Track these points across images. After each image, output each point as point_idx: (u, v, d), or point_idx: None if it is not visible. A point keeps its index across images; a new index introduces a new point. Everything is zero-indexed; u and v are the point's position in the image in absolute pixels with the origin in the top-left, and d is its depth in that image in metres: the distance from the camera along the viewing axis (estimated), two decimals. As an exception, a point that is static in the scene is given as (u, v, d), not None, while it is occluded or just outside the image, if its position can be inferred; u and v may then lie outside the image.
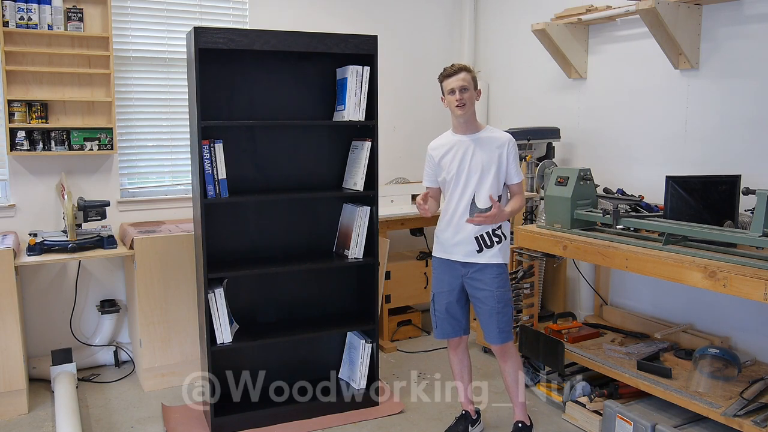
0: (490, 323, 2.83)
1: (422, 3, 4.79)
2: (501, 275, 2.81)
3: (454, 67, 2.75)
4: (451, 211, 2.84)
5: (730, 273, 2.47)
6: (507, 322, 2.84)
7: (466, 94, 2.72)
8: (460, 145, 2.82)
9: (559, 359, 3.23)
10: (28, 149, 3.52)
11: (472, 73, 2.78)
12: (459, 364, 3.03)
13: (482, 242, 2.79)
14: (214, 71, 3.09)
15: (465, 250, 2.81)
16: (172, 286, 3.54)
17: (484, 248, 2.79)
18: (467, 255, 2.82)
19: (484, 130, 2.83)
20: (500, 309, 2.80)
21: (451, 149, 2.84)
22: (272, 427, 3.12)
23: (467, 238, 2.80)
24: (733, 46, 3.16)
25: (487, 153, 2.77)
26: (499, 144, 2.78)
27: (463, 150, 2.81)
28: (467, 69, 2.76)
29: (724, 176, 2.96)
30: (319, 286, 3.48)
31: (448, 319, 2.94)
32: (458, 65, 2.76)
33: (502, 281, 2.81)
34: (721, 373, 2.84)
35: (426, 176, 2.97)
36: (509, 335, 2.85)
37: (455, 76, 2.73)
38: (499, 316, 2.81)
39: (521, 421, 2.93)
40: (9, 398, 3.22)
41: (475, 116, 2.83)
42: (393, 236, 4.58)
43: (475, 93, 2.77)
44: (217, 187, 2.95)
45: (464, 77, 2.72)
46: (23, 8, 3.43)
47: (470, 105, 2.75)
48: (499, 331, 2.82)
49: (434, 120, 4.92)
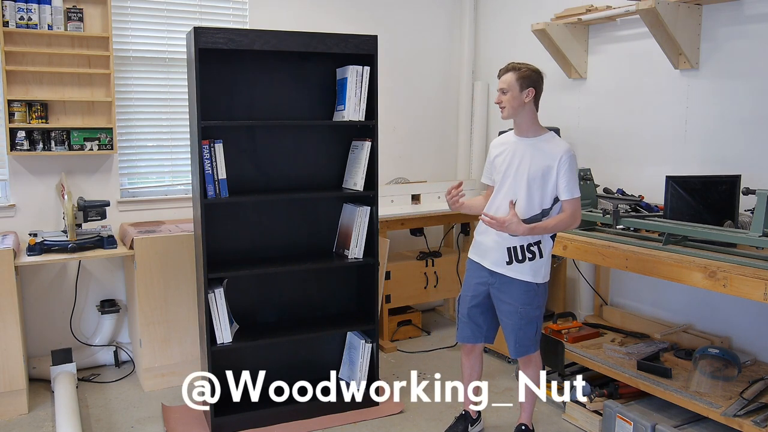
0: (509, 337, 2.75)
1: (422, 3, 4.79)
2: (528, 293, 2.66)
3: (502, 69, 2.63)
4: (491, 214, 2.66)
5: (730, 273, 2.47)
6: (527, 338, 2.72)
7: (505, 96, 2.60)
8: (514, 147, 2.69)
9: (559, 359, 3.23)
10: (28, 149, 3.52)
11: (522, 71, 2.59)
12: (469, 370, 2.97)
13: (513, 254, 2.65)
14: (214, 71, 3.09)
15: (494, 258, 2.69)
16: (172, 286, 3.54)
17: (514, 261, 2.65)
18: (495, 264, 2.70)
19: (543, 137, 2.66)
20: (522, 326, 2.69)
21: (506, 149, 2.72)
22: (272, 427, 3.12)
23: (500, 246, 2.66)
24: (733, 46, 3.16)
25: (537, 162, 2.60)
26: (552, 155, 2.59)
27: (514, 153, 2.67)
28: (515, 68, 2.60)
29: (724, 176, 2.96)
30: (319, 286, 3.48)
31: (469, 324, 2.84)
32: (508, 66, 2.62)
33: (528, 299, 2.67)
34: (721, 373, 2.84)
35: (484, 172, 2.87)
36: (528, 349, 2.75)
37: (500, 78, 2.62)
38: (520, 332, 2.70)
39: (525, 425, 2.92)
40: (9, 398, 3.22)
41: (532, 118, 2.66)
42: (393, 236, 4.58)
43: (524, 93, 2.59)
44: (217, 187, 2.95)
45: (505, 78, 2.60)
46: (23, 8, 3.43)
47: (510, 108, 2.60)
48: (517, 345, 2.73)
49: (434, 120, 4.94)
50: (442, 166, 5.02)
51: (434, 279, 4.45)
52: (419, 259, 4.42)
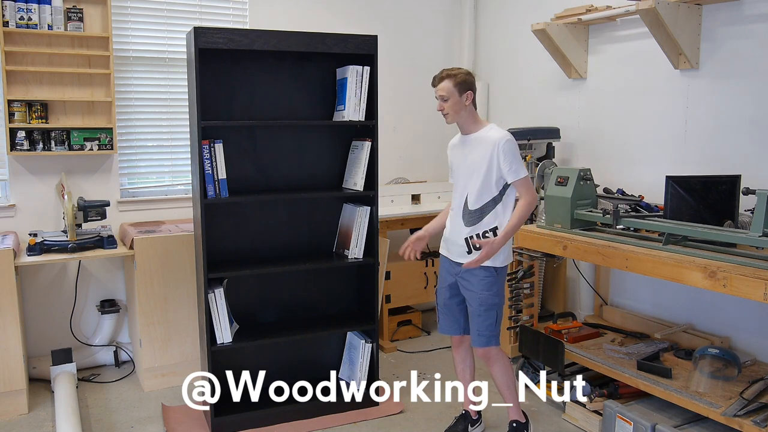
0: (472, 325, 2.82)
1: (422, 3, 4.79)
2: (488, 278, 2.75)
3: (437, 77, 2.73)
4: (451, 210, 2.87)
5: (730, 273, 2.47)
6: (488, 327, 2.78)
7: (446, 103, 2.70)
8: (461, 146, 2.83)
9: (559, 359, 3.23)
10: (28, 149, 3.52)
11: (457, 77, 2.68)
12: (461, 363, 3.02)
13: (471, 244, 2.76)
14: (214, 71, 3.09)
15: (457, 250, 2.82)
16: (172, 286, 3.54)
17: (473, 250, 2.76)
18: (459, 255, 2.82)
19: (483, 130, 2.76)
20: (481, 312, 2.76)
21: (455, 150, 2.87)
22: (272, 427, 3.12)
23: (459, 237, 2.80)
24: (733, 46, 3.16)
25: (478, 153, 2.73)
26: (489, 143, 2.69)
27: (462, 150, 2.81)
28: (451, 75, 2.69)
29: (724, 176, 2.96)
30: (319, 286, 3.48)
31: (447, 316, 2.95)
32: (442, 73, 2.71)
33: (488, 284, 2.75)
34: (721, 373, 2.84)
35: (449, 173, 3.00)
36: (490, 340, 2.79)
37: (437, 86, 2.72)
38: (479, 319, 2.77)
39: (515, 420, 2.94)
40: (9, 398, 3.22)
41: (472, 117, 2.77)
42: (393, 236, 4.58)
43: (463, 97, 2.69)
44: (217, 187, 2.96)
45: (443, 86, 2.69)
46: (23, 8, 3.43)
47: (453, 113, 2.71)
48: (478, 334, 2.79)
49: (434, 120, 4.93)
50: (442, 166, 4.98)
51: (434, 279, 4.45)
52: (419, 259, 4.41)
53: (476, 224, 2.75)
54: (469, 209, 2.77)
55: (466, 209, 2.77)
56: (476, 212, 2.75)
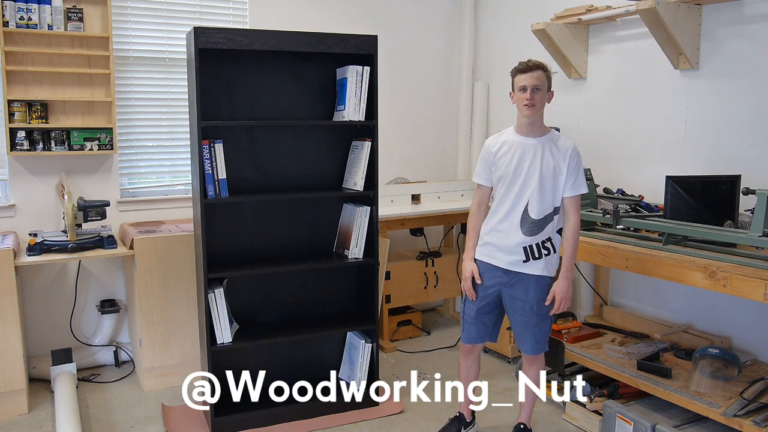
0: (526, 335, 2.75)
1: (422, 3, 4.79)
2: (544, 288, 2.69)
3: (530, 64, 2.57)
4: (501, 215, 2.69)
5: (730, 273, 2.47)
6: (544, 334, 2.76)
7: (537, 95, 2.56)
8: (522, 147, 2.65)
9: (559, 359, 3.23)
10: (28, 149, 3.52)
11: (548, 72, 2.59)
12: (466, 370, 2.96)
13: (530, 253, 2.65)
14: (214, 71, 3.09)
15: (510, 258, 2.68)
16: (172, 286, 3.54)
17: (530, 259, 2.65)
18: (512, 263, 2.68)
19: (550, 135, 2.65)
20: (538, 322, 2.71)
21: (512, 148, 2.67)
22: (272, 427, 3.12)
23: (514, 246, 2.66)
24: (733, 46, 3.16)
25: (548, 160, 2.60)
26: (561, 151, 2.60)
27: (523, 152, 2.64)
28: (543, 67, 2.58)
29: (724, 176, 2.96)
30: (319, 286, 3.48)
31: (476, 325, 2.83)
32: (534, 62, 2.57)
33: (543, 294, 2.69)
34: (721, 373, 2.84)
35: (479, 173, 2.79)
36: (544, 346, 2.79)
37: (529, 73, 2.55)
38: (536, 329, 2.72)
39: (523, 424, 2.92)
40: (9, 398, 3.22)
41: (542, 118, 2.66)
42: (393, 236, 4.58)
43: (548, 94, 2.60)
44: (217, 187, 2.96)
45: (539, 76, 2.54)
46: (23, 8, 3.43)
47: (540, 106, 2.59)
48: (535, 342, 2.75)
49: (434, 120, 4.94)
50: (442, 166, 5.02)
51: (434, 279, 4.45)
52: (419, 259, 4.42)
53: (537, 234, 2.64)
54: (531, 218, 2.63)
55: (527, 218, 2.63)
56: (539, 222, 2.63)
